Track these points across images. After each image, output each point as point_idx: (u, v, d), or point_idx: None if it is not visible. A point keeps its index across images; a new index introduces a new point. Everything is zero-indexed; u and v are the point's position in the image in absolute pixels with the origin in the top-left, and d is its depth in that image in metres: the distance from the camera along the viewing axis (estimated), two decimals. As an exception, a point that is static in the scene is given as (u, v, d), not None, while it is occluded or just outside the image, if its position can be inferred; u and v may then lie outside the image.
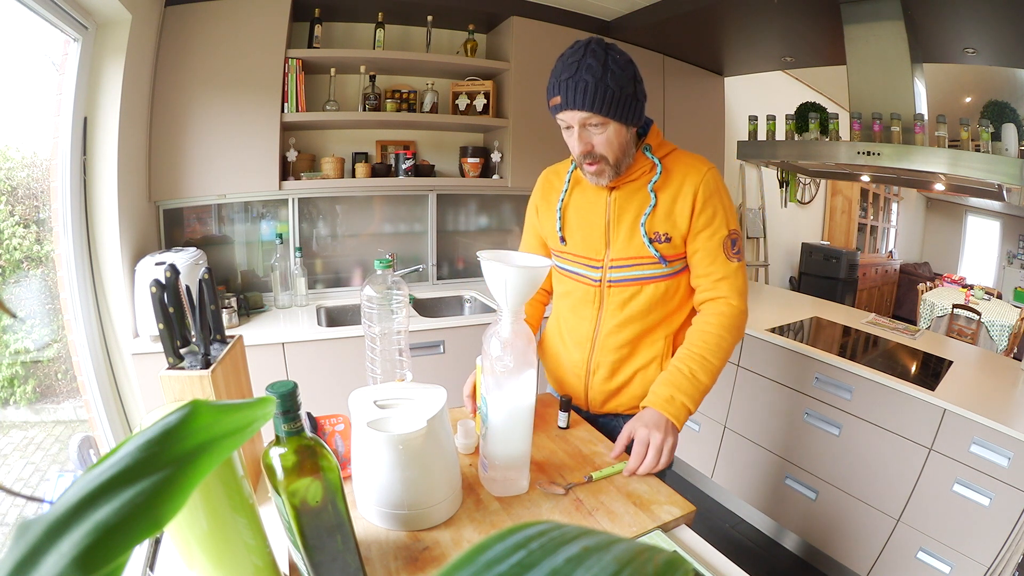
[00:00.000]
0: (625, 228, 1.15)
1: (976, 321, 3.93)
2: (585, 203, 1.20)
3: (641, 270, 1.16)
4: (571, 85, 1.01)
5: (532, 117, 2.60)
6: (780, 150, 2.57)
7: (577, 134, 1.06)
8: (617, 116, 1.04)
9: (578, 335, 1.24)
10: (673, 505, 0.91)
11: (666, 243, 1.13)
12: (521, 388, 0.87)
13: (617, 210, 1.16)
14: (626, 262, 1.16)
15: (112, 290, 1.86)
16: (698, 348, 1.11)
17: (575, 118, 1.04)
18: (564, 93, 1.02)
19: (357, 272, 2.67)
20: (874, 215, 6.12)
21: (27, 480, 1.57)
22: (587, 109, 1.01)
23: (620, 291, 1.18)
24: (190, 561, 0.60)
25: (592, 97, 1.00)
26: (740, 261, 1.15)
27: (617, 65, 1.01)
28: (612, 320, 1.19)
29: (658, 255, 1.13)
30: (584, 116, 1.03)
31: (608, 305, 1.19)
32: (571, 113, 1.04)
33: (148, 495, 0.25)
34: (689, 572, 0.22)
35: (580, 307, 1.23)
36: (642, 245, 1.13)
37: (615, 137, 1.06)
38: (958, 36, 2.21)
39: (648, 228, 1.13)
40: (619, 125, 1.06)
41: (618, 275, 1.17)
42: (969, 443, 1.62)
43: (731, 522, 2.40)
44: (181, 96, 2.09)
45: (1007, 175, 1.85)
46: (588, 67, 1.00)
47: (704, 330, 1.13)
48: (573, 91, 1.01)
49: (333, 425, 0.97)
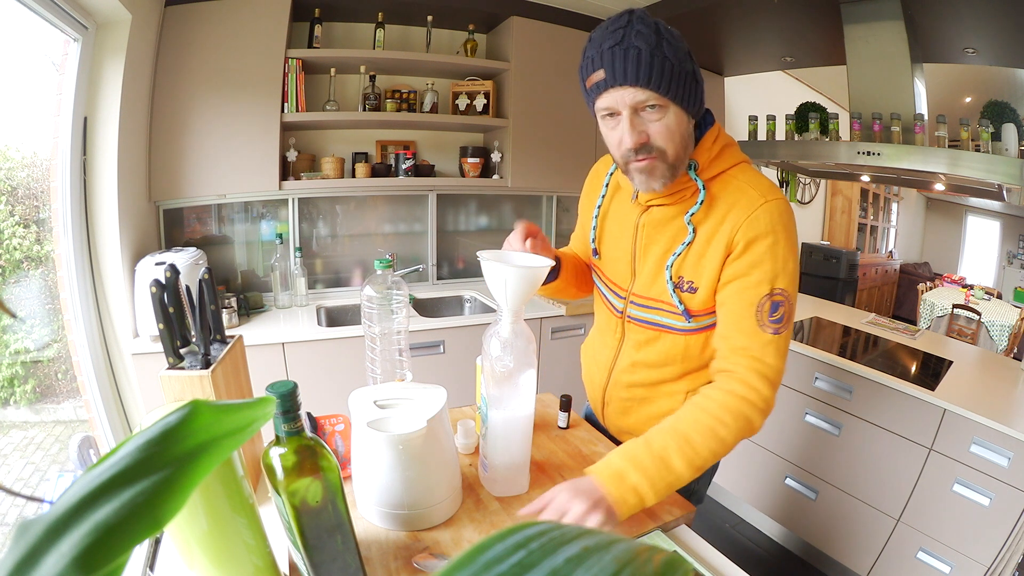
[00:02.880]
0: (651, 263, 0.95)
1: (976, 321, 3.93)
2: (619, 217, 1.00)
3: (661, 316, 0.95)
4: (619, 53, 0.78)
5: (532, 117, 2.60)
6: (780, 150, 2.57)
7: (628, 121, 0.81)
8: (678, 98, 0.81)
9: (600, 360, 1.10)
10: (673, 505, 0.91)
11: (690, 293, 0.90)
12: (521, 388, 0.87)
13: (645, 239, 0.95)
14: (647, 302, 0.96)
15: (112, 290, 1.86)
16: (685, 425, 0.83)
17: (626, 98, 0.80)
18: (611, 65, 0.79)
19: (357, 272, 2.67)
20: (874, 215, 6.12)
21: (27, 480, 1.57)
22: (642, 84, 0.78)
23: (638, 331, 0.99)
24: (190, 561, 0.60)
25: (648, 68, 0.77)
26: (778, 334, 0.85)
27: (671, 35, 0.80)
28: (627, 359, 1.03)
29: (682, 308, 0.91)
30: (639, 94, 0.79)
31: (627, 341, 1.02)
32: (620, 92, 0.80)
33: (148, 495, 0.25)
34: (689, 572, 0.22)
35: (605, 332, 1.08)
36: (665, 289, 0.92)
37: (676, 126, 0.82)
38: (958, 36, 2.21)
39: (674, 271, 0.91)
40: (680, 111, 0.82)
41: (638, 314, 0.98)
42: (969, 443, 1.62)
43: (731, 522, 2.41)
44: (181, 96, 2.09)
45: (1007, 175, 1.85)
46: (639, 33, 0.78)
47: (702, 405, 0.85)
48: (623, 60, 0.78)
49: (333, 425, 0.97)
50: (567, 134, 2.72)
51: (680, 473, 0.80)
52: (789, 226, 0.85)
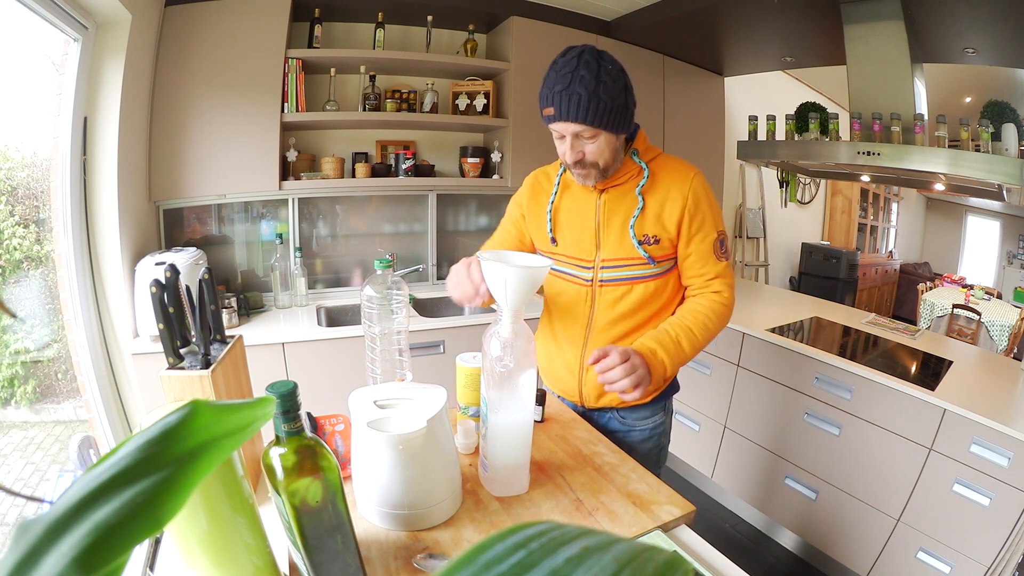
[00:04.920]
0: (615, 230, 1.19)
1: (976, 321, 3.93)
2: (575, 205, 1.23)
3: (631, 270, 1.19)
4: (564, 97, 1.03)
5: (532, 117, 2.60)
6: (780, 150, 2.57)
7: (569, 143, 1.09)
8: (609, 127, 1.07)
9: (571, 333, 1.26)
10: (673, 505, 0.91)
11: (654, 245, 1.17)
12: (521, 388, 0.87)
13: (607, 213, 1.19)
14: (616, 262, 1.19)
15: (112, 290, 1.86)
16: (687, 320, 1.16)
17: (568, 129, 1.07)
18: (558, 105, 1.04)
19: (357, 272, 2.67)
20: (874, 215, 6.12)
21: (27, 480, 1.57)
22: (580, 121, 1.04)
23: (611, 290, 1.21)
24: (190, 561, 0.60)
25: (586, 110, 1.03)
26: (728, 260, 1.22)
27: (609, 76, 1.04)
28: (604, 318, 1.22)
29: (647, 256, 1.17)
30: (577, 128, 1.06)
31: (600, 304, 1.22)
32: (564, 124, 1.06)
33: (148, 495, 0.25)
34: (689, 572, 0.22)
35: (572, 306, 1.25)
36: (632, 247, 1.17)
37: (606, 146, 1.10)
38: (958, 36, 2.21)
39: (637, 231, 1.17)
40: (610, 134, 1.09)
41: (609, 275, 1.21)
42: (969, 443, 1.62)
43: (731, 522, 2.40)
44: (181, 96, 2.09)
45: (1007, 175, 1.85)
46: (581, 79, 1.02)
47: (694, 308, 1.18)
48: (567, 104, 1.03)
49: (333, 425, 0.97)
50: (567, 134, 2.72)
51: (687, 353, 1.14)
52: (709, 188, 1.20)
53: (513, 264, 0.83)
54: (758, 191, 4.20)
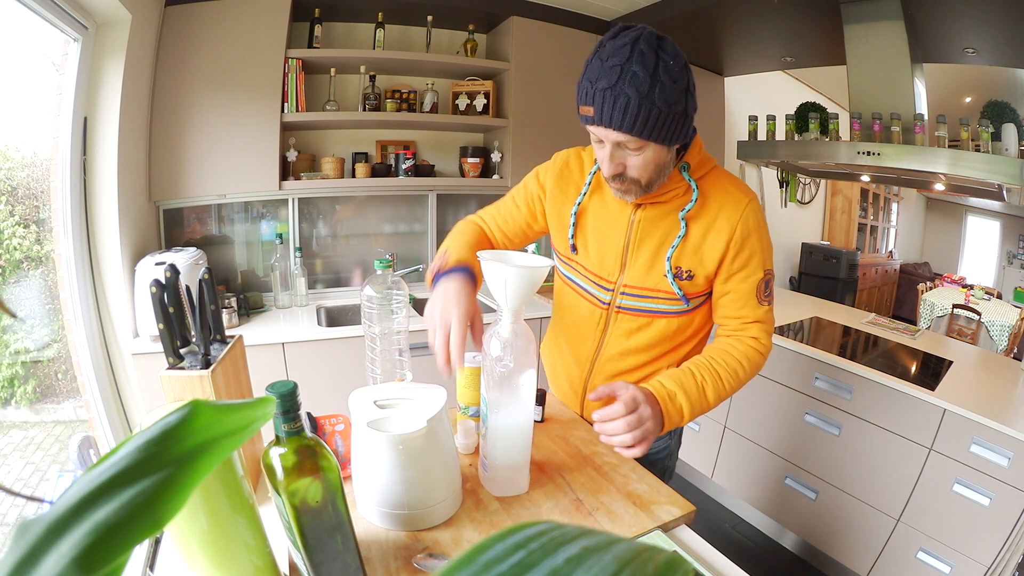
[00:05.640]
0: (646, 255, 1.02)
1: (976, 321, 3.93)
2: (605, 214, 1.05)
3: (656, 304, 1.04)
4: (609, 98, 0.82)
5: (532, 117, 2.60)
6: (780, 150, 2.57)
7: (609, 153, 0.89)
8: (661, 139, 0.86)
9: (578, 354, 1.15)
10: (673, 505, 0.90)
11: (687, 280, 1.00)
12: (521, 388, 0.87)
13: (640, 233, 1.02)
14: (640, 292, 1.04)
15: (112, 290, 1.86)
16: (716, 364, 0.99)
17: (610, 135, 0.86)
18: (600, 106, 0.83)
19: (357, 272, 2.67)
20: (874, 215, 6.12)
21: (27, 480, 1.57)
22: (626, 131, 0.84)
23: (629, 320, 1.06)
24: (190, 561, 0.60)
25: (634, 117, 0.82)
26: (770, 305, 1.04)
27: (669, 76, 0.82)
28: (615, 347, 1.09)
29: (680, 293, 1.00)
30: (621, 138, 0.86)
31: (613, 331, 1.08)
32: (605, 131, 0.86)
33: (148, 495, 0.25)
34: (689, 572, 0.22)
35: (584, 325, 1.12)
36: (662, 278, 1.01)
37: (653, 159, 0.90)
38: (958, 36, 2.21)
39: (673, 261, 1.00)
40: (660, 147, 0.89)
41: (629, 303, 1.05)
42: (969, 443, 1.62)
43: (731, 522, 2.40)
44: (181, 96, 2.09)
45: (1007, 175, 1.85)
46: (632, 77, 0.80)
47: (727, 351, 1.01)
48: (611, 107, 0.82)
49: (333, 425, 0.97)
50: (567, 134, 2.72)
51: (710, 401, 0.98)
52: (764, 218, 1.03)
53: (513, 264, 0.83)
54: (758, 191, 4.20)
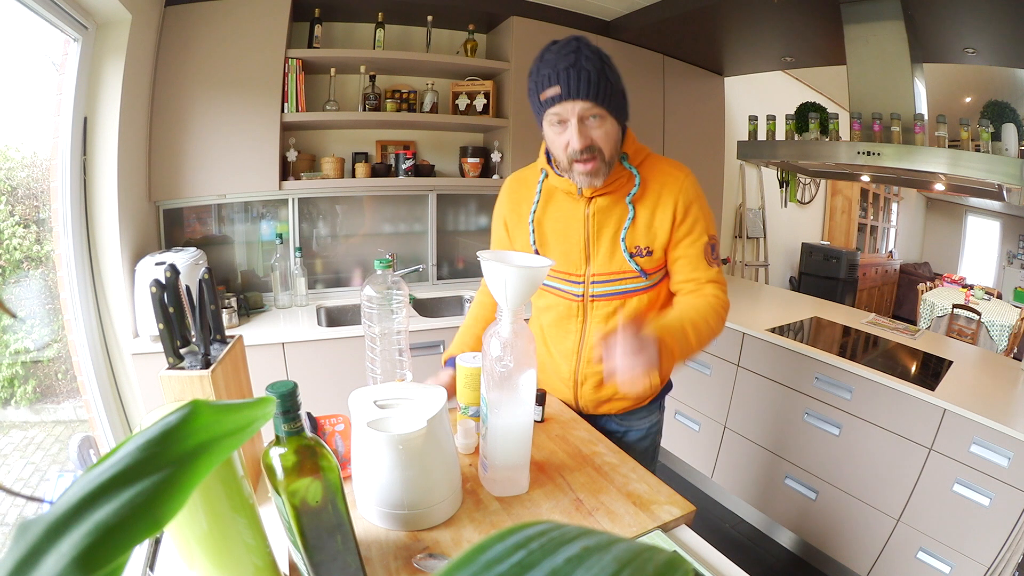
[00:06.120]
0: (605, 243, 1.13)
1: (976, 321, 3.93)
2: (561, 216, 1.16)
3: (623, 284, 1.15)
4: (573, 74, 0.97)
5: (532, 117, 2.59)
6: (780, 150, 2.57)
7: (576, 128, 1.01)
8: (616, 110, 1.02)
9: (564, 348, 1.23)
10: (673, 505, 0.91)
11: (647, 257, 1.12)
12: (521, 388, 0.87)
13: (596, 225, 1.13)
14: (608, 277, 1.14)
15: (112, 290, 1.86)
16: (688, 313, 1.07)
17: (576, 109, 0.99)
18: (565, 82, 0.97)
19: (357, 272, 2.67)
20: (874, 215, 6.12)
21: (27, 480, 1.57)
22: (591, 99, 0.98)
23: (604, 305, 1.16)
24: (190, 561, 0.60)
25: (596, 87, 0.97)
26: (719, 267, 1.15)
27: (610, 62, 1.01)
28: (597, 333, 1.17)
29: (639, 270, 1.12)
30: (587, 106, 0.99)
31: (592, 319, 1.18)
32: (573, 104, 0.99)
33: (148, 495, 0.25)
34: (689, 572, 0.22)
35: (564, 321, 1.21)
36: (623, 260, 1.12)
37: (612, 132, 1.04)
38: (958, 36, 2.21)
39: (629, 243, 1.12)
40: (615, 121, 1.04)
41: (601, 290, 1.16)
42: (969, 443, 1.62)
43: (731, 522, 2.40)
44: (181, 96, 2.09)
45: (1007, 175, 1.85)
46: (587, 58, 0.97)
47: (694, 304, 1.10)
48: (576, 79, 0.97)
49: (333, 425, 0.97)
50: (567, 134, 2.72)
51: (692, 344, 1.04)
52: (701, 191, 1.14)
53: (513, 264, 0.83)
54: (758, 191, 4.20)
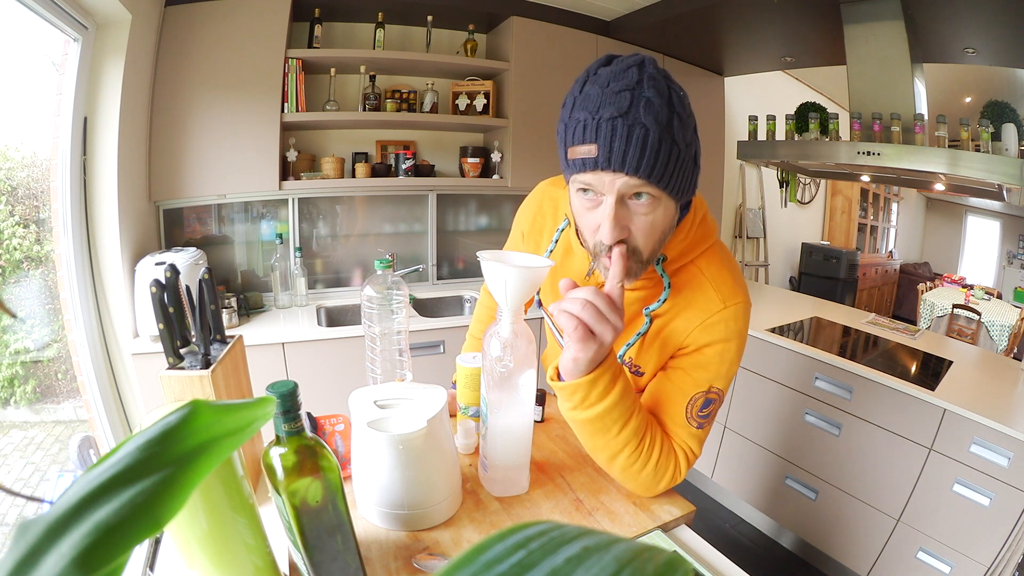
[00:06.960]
0: None
1: (976, 321, 3.93)
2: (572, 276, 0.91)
3: None
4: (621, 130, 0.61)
5: (532, 117, 2.60)
6: (780, 150, 2.57)
7: (612, 211, 0.66)
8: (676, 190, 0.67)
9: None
10: (673, 505, 0.91)
11: (636, 376, 0.90)
12: (521, 388, 0.87)
13: None
14: None
15: (112, 290, 1.86)
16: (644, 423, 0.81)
17: (616, 184, 0.64)
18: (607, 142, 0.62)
19: (357, 272, 2.67)
20: (874, 215, 6.12)
21: (27, 480, 1.57)
22: (643, 176, 0.63)
23: None
24: (190, 561, 0.60)
25: (654, 155, 0.62)
26: (701, 428, 0.84)
27: (683, 108, 0.64)
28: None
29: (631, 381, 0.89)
30: (635, 184, 0.64)
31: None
32: (613, 178, 0.64)
33: (148, 495, 0.25)
34: (689, 572, 0.22)
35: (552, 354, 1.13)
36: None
37: (662, 220, 0.69)
38: (958, 36, 2.21)
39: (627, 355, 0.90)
40: (672, 203, 0.69)
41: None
42: (969, 443, 1.62)
43: (731, 522, 2.40)
44: (181, 96, 2.09)
45: (1007, 175, 1.85)
46: (648, 104, 0.61)
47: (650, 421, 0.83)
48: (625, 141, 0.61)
49: (333, 425, 0.97)
50: (567, 134, 2.72)
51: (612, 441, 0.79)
52: (743, 331, 0.82)
53: (513, 264, 0.83)
54: (758, 191, 4.20)
